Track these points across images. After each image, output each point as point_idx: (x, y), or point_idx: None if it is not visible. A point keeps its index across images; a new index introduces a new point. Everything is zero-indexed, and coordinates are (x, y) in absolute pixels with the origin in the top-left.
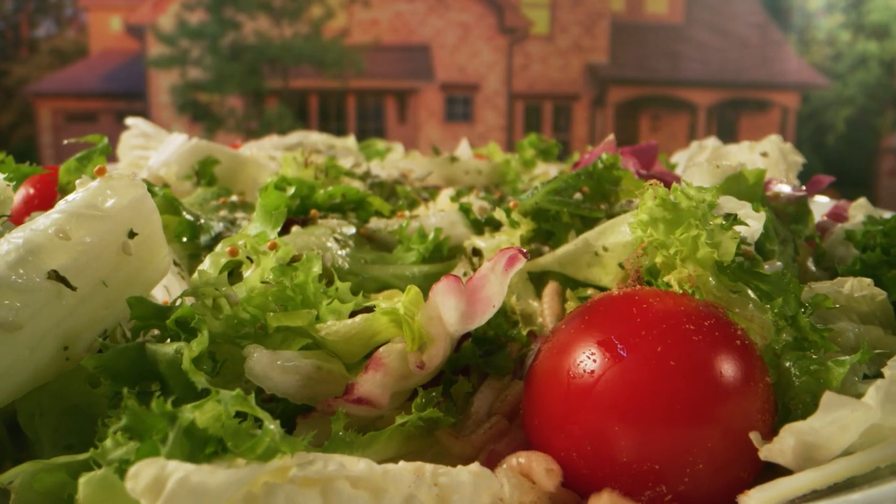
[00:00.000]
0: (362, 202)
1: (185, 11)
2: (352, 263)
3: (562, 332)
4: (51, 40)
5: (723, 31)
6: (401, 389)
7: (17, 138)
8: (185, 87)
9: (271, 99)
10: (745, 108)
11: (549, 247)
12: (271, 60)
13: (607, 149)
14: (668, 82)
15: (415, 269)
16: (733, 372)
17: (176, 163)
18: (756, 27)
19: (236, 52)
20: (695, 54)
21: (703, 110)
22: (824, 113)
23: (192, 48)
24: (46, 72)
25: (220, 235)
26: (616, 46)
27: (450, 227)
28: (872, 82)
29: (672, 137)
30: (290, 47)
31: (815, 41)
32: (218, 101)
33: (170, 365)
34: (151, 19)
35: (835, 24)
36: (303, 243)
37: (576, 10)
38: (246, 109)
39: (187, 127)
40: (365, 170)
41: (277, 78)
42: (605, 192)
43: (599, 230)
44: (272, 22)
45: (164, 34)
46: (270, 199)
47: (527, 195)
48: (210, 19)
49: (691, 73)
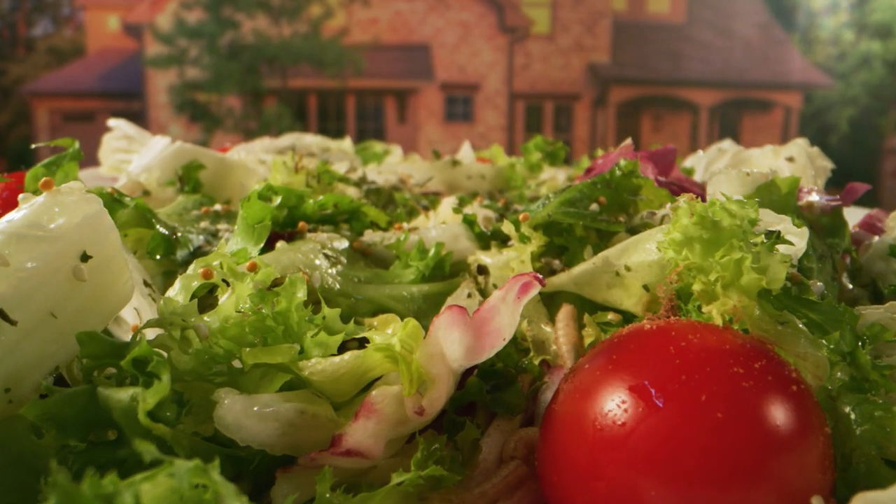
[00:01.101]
0: (356, 213)
1: (183, 10)
2: (343, 283)
3: (585, 371)
4: (48, 39)
5: (725, 31)
6: (397, 436)
7: (13, 138)
8: (183, 87)
9: (270, 98)
10: (747, 108)
11: (562, 263)
12: (270, 60)
13: (624, 154)
14: (669, 82)
15: (413, 288)
16: (790, 423)
17: (157, 168)
18: (759, 26)
19: (234, 51)
20: (697, 54)
21: (705, 110)
22: (827, 113)
23: (190, 47)
24: (43, 71)
25: (200, 250)
26: (617, 46)
27: (452, 240)
28: (876, 82)
29: (674, 137)
30: (289, 46)
31: (818, 40)
32: (216, 100)
33: (125, 414)
34: (149, 18)
35: (838, 23)
36: (288, 262)
37: (577, 9)
38: (244, 109)
39: (185, 126)
40: (361, 175)
41: (276, 77)
42: (624, 203)
43: (621, 248)
44: (271, 21)
45: (161, 33)
46: (253, 210)
47: (537, 206)
48: (208, 18)
49: (693, 72)
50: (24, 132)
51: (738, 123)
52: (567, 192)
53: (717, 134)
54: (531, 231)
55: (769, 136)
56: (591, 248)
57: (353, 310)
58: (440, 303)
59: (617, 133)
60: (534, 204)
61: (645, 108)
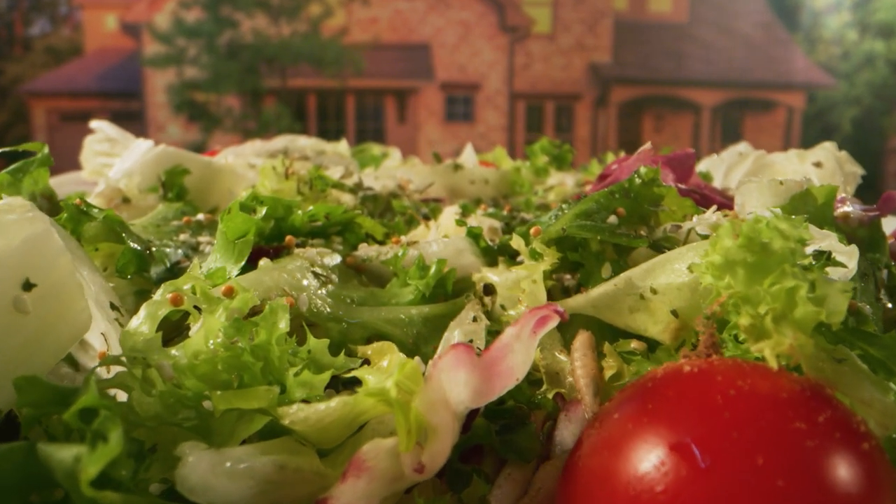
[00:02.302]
0: (350, 224)
1: (181, 9)
2: (334, 306)
3: (615, 422)
4: (45, 39)
5: (728, 30)
6: (392, 493)
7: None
8: (181, 87)
9: (269, 98)
10: (749, 109)
11: (575, 279)
12: (269, 59)
13: (643, 160)
14: (671, 82)
15: (413, 310)
16: (861, 490)
17: (139, 173)
18: (761, 26)
19: (233, 50)
20: (699, 53)
21: (707, 110)
22: (830, 113)
23: (188, 47)
24: (41, 71)
25: (178, 266)
26: (619, 45)
27: (455, 255)
28: (879, 82)
29: (675, 138)
30: (289, 46)
31: (821, 40)
32: (215, 100)
33: (68, 477)
34: (147, 17)
35: (841, 22)
36: (272, 282)
37: (578, 9)
38: (243, 109)
39: (184, 126)
40: (356, 181)
41: (275, 77)
42: (645, 214)
43: (646, 268)
44: (270, 20)
45: (160, 32)
46: (234, 224)
47: (549, 218)
48: (207, 17)
49: (695, 72)
50: (22, 132)
51: (741, 123)
52: (582, 202)
53: (720, 134)
54: (543, 247)
55: (771, 136)
56: (610, 264)
57: (344, 336)
58: (442, 326)
59: (618, 133)
60: (544, 215)
61: (646, 108)
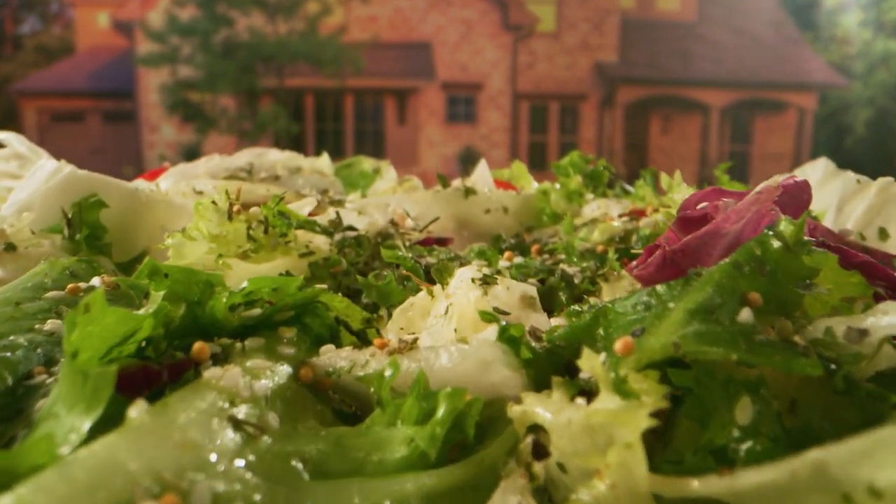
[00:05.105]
0: (308, 308)
1: (175, 7)
2: (268, 489)
3: None
4: (36, 37)
5: (737, 29)
6: None
7: None
8: (175, 86)
9: (265, 98)
10: (759, 109)
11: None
12: (265, 58)
13: (763, 204)
14: (679, 82)
15: (407, 483)
16: None
17: (40, 205)
18: (772, 25)
19: (229, 49)
20: (708, 53)
21: (716, 111)
22: (843, 114)
23: (182, 45)
24: (31, 70)
25: (25, 384)
26: (626, 44)
27: (480, 371)
28: (893, 82)
29: (683, 139)
30: (286, 45)
31: (834, 39)
32: (210, 100)
33: None
34: (140, 15)
35: (854, 21)
36: (144, 464)
37: (584, 7)
38: (239, 109)
39: (178, 127)
40: (333, 218)
41: (272, 76)
42: (791, 302)
43: (857, 449)
44: (266, 18)
45: (153, 31)
46: (93, 333)
47: (637, 318)
48: (201, 15)
49: (704, 72)
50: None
51: (750, 125)
52: (696, 288)
53: (729, 136)
54: (642, 378)
55: (782, 138)
56: (751, 399)
57: None
58: None
59: (625, 135)
60: (632, 311)
61: (654, 108)
